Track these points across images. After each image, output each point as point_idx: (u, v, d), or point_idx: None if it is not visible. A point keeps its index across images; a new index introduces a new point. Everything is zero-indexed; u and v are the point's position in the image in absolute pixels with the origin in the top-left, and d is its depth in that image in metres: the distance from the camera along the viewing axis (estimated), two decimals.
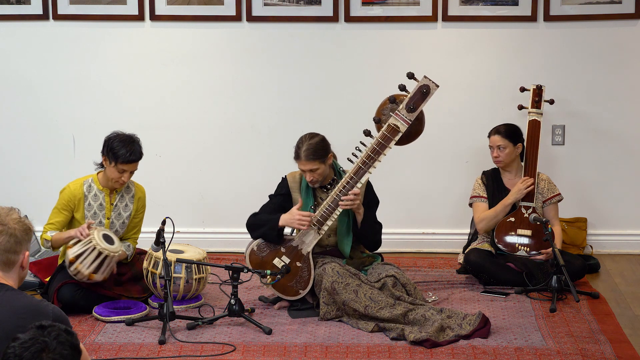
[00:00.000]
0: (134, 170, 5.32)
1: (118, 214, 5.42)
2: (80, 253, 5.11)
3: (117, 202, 5.41)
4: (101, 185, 5.37)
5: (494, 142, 5.89)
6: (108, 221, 5.39)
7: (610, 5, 6.38)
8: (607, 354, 4.61)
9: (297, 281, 5.25)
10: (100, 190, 5.37)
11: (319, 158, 5.20)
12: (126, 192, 5.46)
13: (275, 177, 5.75)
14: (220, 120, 6.62)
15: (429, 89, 5.23)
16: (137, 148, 5.29)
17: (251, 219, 5.36)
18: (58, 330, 2.69)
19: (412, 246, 6.68)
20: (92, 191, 5.37)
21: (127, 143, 5.26)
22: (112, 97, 6.60)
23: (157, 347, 4.75)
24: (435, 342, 4.71)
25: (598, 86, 6.49)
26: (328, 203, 5.21)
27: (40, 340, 2.64)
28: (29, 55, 6.58)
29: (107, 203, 5.38)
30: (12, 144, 6.67)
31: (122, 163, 5.23)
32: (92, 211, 5.36)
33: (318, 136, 5.28)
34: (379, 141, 5.23)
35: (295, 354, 4.66)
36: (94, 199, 5.37)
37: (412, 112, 5.22)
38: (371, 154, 5.22)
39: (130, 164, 5.25)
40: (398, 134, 5.24)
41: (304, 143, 5.23)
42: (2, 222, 3.19)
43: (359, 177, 5.21)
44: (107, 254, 5.12)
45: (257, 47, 6.54)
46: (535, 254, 5.70)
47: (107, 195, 5.39)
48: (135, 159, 5.26)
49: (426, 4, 6.40)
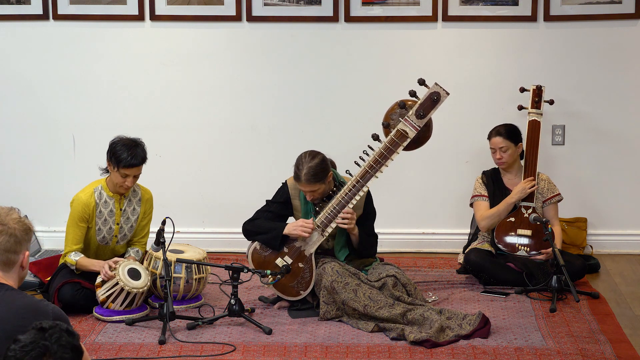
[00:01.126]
0: (138, 175, 5.26)
1: (127, 219, 5.40)
2: (109, 294, 5.11)
3: (125, 207, 5.38)
4: (110, 192, 5.34)
5: (496, 144, 5.88)
6: (117, 226, 5.37)
7: (610, 5, 6.38)
8: (607, 354, 4.61)
9: (299, 282, 5.25)
10: (110, 197, 5.33)
11: (319, 180, 5.15)
12: (133, 196, 5.43)
13: (275, 177, 5.76)
14: (220, 120, 6.62)
15: (440, 96, 5.21)
16: (140, 152, 5.23)
17: (249, 225, 5.33)
18: (59, 332, 2.67)
19: (412, 246, 6.68)
20: (102, 198, 5.32)
21: (130, 147, 5.21)
22: (112, 97, 6.59)
23: (157, 347, 4.75)
24: (436, 343, 4.71)
25: (598, 86, 6.49)
26: (333, 205, 5.20)
27: (41, 344, 2.63)
28: (29, 55, 6.58)
29: (116, 209, 5.35)
30: (12, 144, 6.67)
31: (124, 167, 5.18)
32: (103, 218, 5.32)
33: (318, 156, 5.18)
34: (387, 146, 5.21)
35: (295, 354, 4.66)
36: (105, 205, 5.33)
37: (422, 118, 5.20)
38: (379, 158, 5.21)
39: (132, 168, 5.19)
40: (406, 140, 5.22)
41: (304, 165, 5.14)
42: (2, 222, 3.19)
43: (365, 181, 5.20)
44: (135, 292, 5.11)
45: (257, 47, 6.54)
46: (535, 254, 5.70)
47: (116, 201, 5.35)
48: (136, 163, 5.20)
49: (426, 4, 6.40)
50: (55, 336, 2.65)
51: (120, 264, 5.17)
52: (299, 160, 5.21)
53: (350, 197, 5.19)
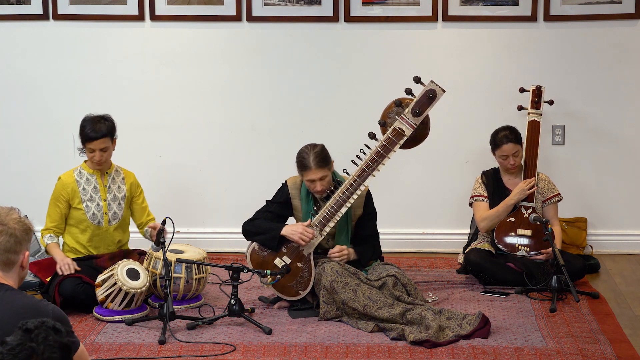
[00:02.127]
0: (105, 148, 5.32)
1: (113, 196, 5.47)
2: (108, 294, 5.12)
3: (109, 184, 5.47)
4: (90, 169, 5.44)
5: (509, 151, 5.84)
6: (105, 203, 5.44)
7: (610, 5, 6.38)
8: (607, 354, 4.61)
9: (298, 282, 5.25)
10: (91, 174, 5.44)
11: (327, 165, 5.21)
12: (116, 174, 5.52)
13: (275, 177, 5.76)
14: (220, 120, 6.62)
15: (436, 94, 5.22)
16: (102, 126, 5.30)
17: (248, 226, 5.35)
18: (46, 331, 2.64)
19: (412, 246, 6.68)
20: (83, 176, 5.44)
21: (94, 122, 5.32)
22: (112, 97, 6.59)
23: (157, 347, 4.75)
24: (435, 343, 4.71)
25: (598, 86, 6.49)
26: (331, 205, 5.21)
27: (28, 347, 2.60)
28: (29, 55, 6.58)
29: (100, 185, 5.43)
30: (13, 143, 6.67)
31: (88, 141, 5.29)
32: (88, 195, 5.42)
33: (319, 145, 5.27)
34: (384, 144, 5.22)
35: (295, 354, 4.66)
36: (87, 183, 5.42)
37: (418, 116, 5.21)
38: (375, 157, 5.21)
39: (94, 141, 5.27)
40: (403, 138, 5.23)
41: (309, 153, 5.21)
42: (2, 222, 3.19)
43: (363, 180, 5.21)
44: (134, 292, 5.12)
45: (257, 47, 6.54)
46: (535, 254, 5.70)
47: (98, 177, 5.44)
48: (97, 136, 5.27)
49: (426, 4, 6.40)
50: (42, 336, 2.63)
51: (120, 263, 5.18)
52: (301, 152, 5.25)
53: (348, 196, 5.20)
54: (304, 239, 5.19)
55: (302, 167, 5.22)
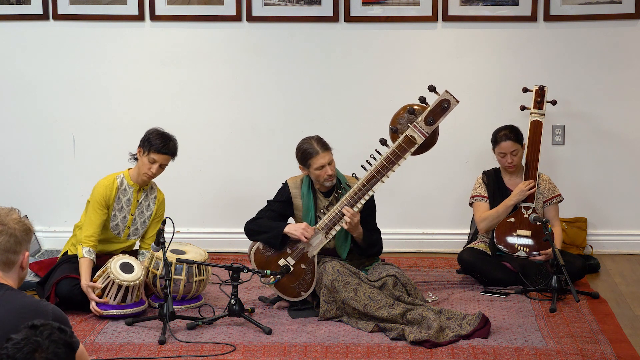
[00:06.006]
0: (164, 165, 5.38)
1: (141, 212, 5.48)
2: (103, 287, 5.15)
3: (142, 200, 5.47)
4: (131, 181, 5.43)
5: (507, 149, 5.84)
6: (131, 217, 5.45)
7: (610, 5, 6.38)
8: (607, 354, 4.61)
9: (300, 283, 5.25)
10: (130, 186, 5.44)
11: (330, 148, 5.27)
12: (150, 192, 5.52)
13: (275, 177, 5.76)
14: (220, 120, 6.62)
15: (450, 104, 5.20)
16: (172, 144, 5.39)
17: (251, 225, 5.36)
18: (51, 328, 2.67)
19: (412, 246, 6.68)
20: (123, 185, 5.43)
21: (165, 137, 5.38)
22: (112, 97, 6.60)
23: (157, 347, 4.75)
24: (436, 343, 4.71)
25: (598, 86, 6.49)
26: (338, 209, 5.21)
27: (33, 340, 2.63)
28: (29, 55, 6.58)
29: (134, 199, 5.44)
30: (12, 144, 6.67)
31: (155, 152, 5.31)
32: (120, 205, 5.41)
33: (313, 135, 5.33)
34: (395, 151, 5.20)
35: (295, 354, 4.66)
36: (124, 193, 5.42)
37: (431, 125, 5.19)
38: (386, 163, 5.20)
39: (161, 155, 5.32)
40: (414, 146, 5.20)
41: (310, 141, 5.27)
42: (2, 222, 3.19)
43: (372, 186, 5.20)
44: (127, 285, 5.12)
45: (257, 47, 6.54)
46: (535, 255, 5.70)
47: (135, 191, 5.43)
48: (167, 152, 5.35)
49: (426, 4, 6.40)
50: (47, 332, 2.66)
51: (114, 257, 5.22)
52: (302, 143, 5.31)
53: (356, 201, 5.20)
54: (306, 235, 5.19)
55: (309, 155, 5.23)
